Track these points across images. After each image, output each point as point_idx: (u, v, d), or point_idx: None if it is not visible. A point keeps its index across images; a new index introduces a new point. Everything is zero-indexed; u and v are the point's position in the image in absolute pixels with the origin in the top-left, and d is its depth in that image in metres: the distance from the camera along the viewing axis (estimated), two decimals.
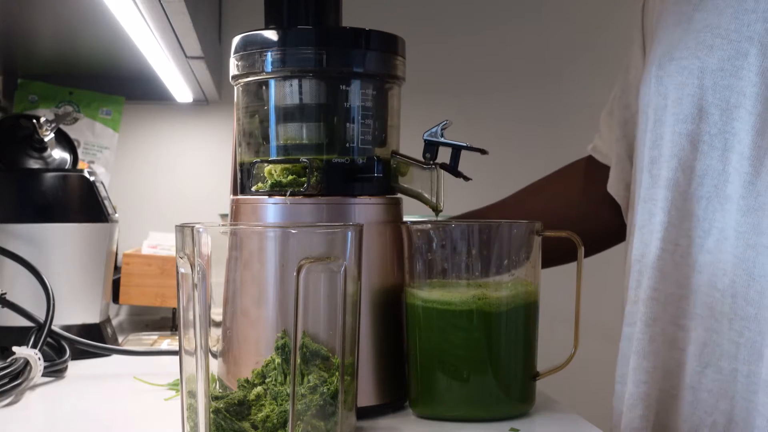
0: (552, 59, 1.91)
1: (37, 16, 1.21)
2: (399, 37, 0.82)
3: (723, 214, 0.80)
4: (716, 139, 0.80)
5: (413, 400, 0.79)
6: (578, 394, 1.44)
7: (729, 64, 0.79)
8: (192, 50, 1.28)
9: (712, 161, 0.81)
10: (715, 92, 0.80)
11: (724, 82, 0.80)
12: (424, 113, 1.35)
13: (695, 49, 0.82)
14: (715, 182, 0.80)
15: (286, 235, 0.66)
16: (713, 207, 0.80)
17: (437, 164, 0.81)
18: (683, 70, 0.83)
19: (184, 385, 0.65)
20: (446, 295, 0.76)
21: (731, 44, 0.79)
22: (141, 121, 1.81)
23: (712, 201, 0.80)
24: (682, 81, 0.83)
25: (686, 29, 0.84)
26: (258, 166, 0.79)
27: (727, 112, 0.80)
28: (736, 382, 0.78)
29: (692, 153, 0.82)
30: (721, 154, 0.80)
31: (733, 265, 0.78)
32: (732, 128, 0.79)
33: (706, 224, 0.81)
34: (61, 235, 1.07)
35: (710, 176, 0.81)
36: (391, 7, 1.86)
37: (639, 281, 0.85)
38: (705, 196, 0.81)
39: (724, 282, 0.79)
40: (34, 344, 0.93)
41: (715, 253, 0.80)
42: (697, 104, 0.81)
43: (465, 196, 1.22)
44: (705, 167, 0.81)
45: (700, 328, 0.81)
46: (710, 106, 0.81)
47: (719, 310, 0.79)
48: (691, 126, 0.82)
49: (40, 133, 1.14)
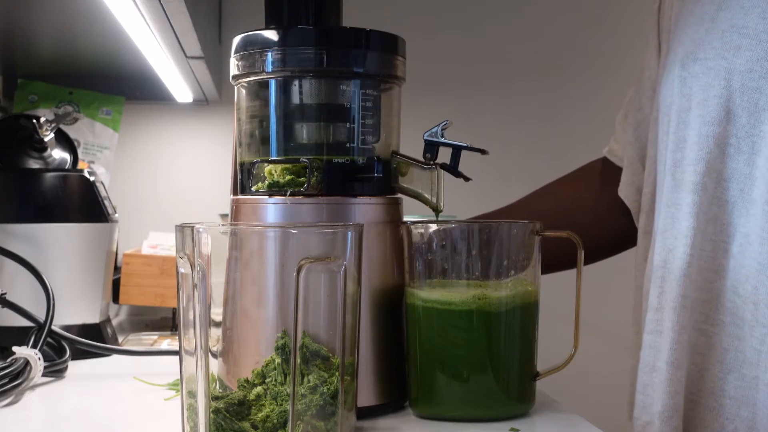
0: (552, 57, 1.91)
1: (37, 16, 1.20)
2: (399, 37, 0.82)
3: (748, 219, 0.78)
4: (743, 142, 0.78)
5: (413, 400, 0.79)
6: (578, 394, 1.44)
7: (758, 65, 0.77)
8: (192, 50, 1.28)
9: (739, 164, 0.79)
10: (743, 94, 0.78)
11: (753, 84, 0.77)
12: (424, 112, 1.35)
13: (721, 50, 0.80)
14: (741, 186, 0.78)
15: (286, 235, 0.66)
16: (738, 211, 0.79)
17: (437, 164, 0.81)
18: (709, 71, 0.80)
19: (184, 385, 0.65)
20: (446, 295, 0.76)
21: (760, 45, 0.77)
22: (141, 121, 1.81)
23: (737, 205, 0.79)
24: (707, 82, 0.80)
25: (710, 29, 0.82)
26: (258, 166, 0.79)
27: (755, 115, 0.78)
28: (758, 390, 0.76)
29: (719, 156, 0.79)
30: (748, 158, 0.78)
31: (756, 271, 0.77)
32: (760, 131, 0.77)
33: (731, 228, 0.79)
34: (61, 235, 1.07)
35: (736, 180, 0.79)
36: (391, 7, 1.86)
37: (662, 288, 0.82)
38: (730, 200, 0.79)
39: (746, 288, 0.77)
40: (34, 344, 0.93)
41: (738, 258, 0.78)
42: (724, 106, 0.79)
43: (465, 196, 1.22)
44: (731, 170, 0.79)
45: (723, 334, 0.79)
46: (738, 108, 0.78)
47: (741, 316, 0.78)
48: (717, 128, 0.79)
49: (40, 133, 1.13)
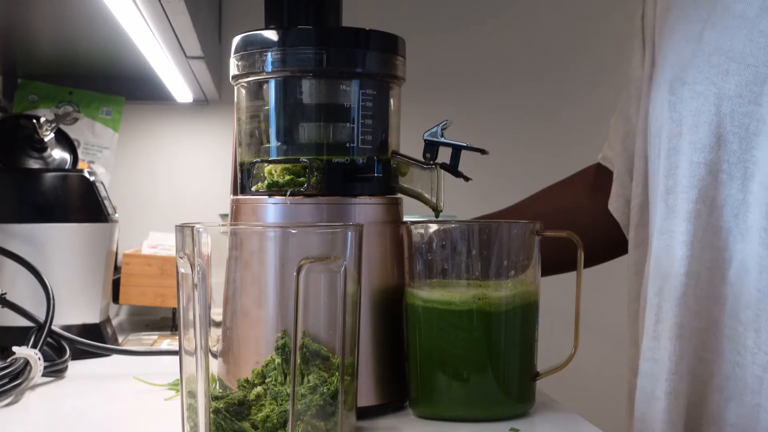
0: (552, 57, 1.91)
1: (37, 16, 1.21)
2: (399, 37, 0.82)
3: (744, 245, 0.77)
4: (735, 168, 0.77)
5: (413, 400, 0.79)
6: (578, 394, 1.45)
7: (747, 90, 0.76)
8: (192, 50, 1.28)
9: (732, 191, 0.78)
10: (733, 119, 0.77)
11: (743, 109, 0.77)
12: (424, 112, 1.35)
13: (709, 74, 0.79)
14: (735, 212, 0.77)
15: (286, 235, 0.66)
16: (734, 237, 0.78)
17: (437, 164, 0.81)
18: (698, 95, 0.79)
19: (184, 385, 0.65)
20: (446, 295, 0.76)
21: (748, 69, 0.76)
22: (141, 121, 1.81)
23: (732, 231, 0.78)
24: (697, 108, 0.79)
25: (696, 50, 0.81)
26: (258, 166, 0.79)
27: (746, 140, 0.77)
28: (760, 418, 0.76)
29: (712, 183, 0.78)
30: (741, 184, 0.77)
31: (757, 299, 0.76)
32: (752, 156, 0.76)
33: (726, 255, 0.78)
34: (61, 235, 1.07)
35: (730, 206, 0.78)
36: (391, 7, 1.86)
37: (658, 316, 0.82)
38: (725, 227, 0.78)
39: (748, 315, 0.76)
40: (34, 344, 0.93)
41: (736, 286, 0.77)
42: (714, 132, 0.78)
43: (465, 196, 1.22)
44: (725, 197, 0.78)
45: (722, 362, 0.78)
46: (729, 134, 0.77)
47: (742, 343, 0.77)
48: (709, 155, 0.78)
49: (40, 133, 1.13)
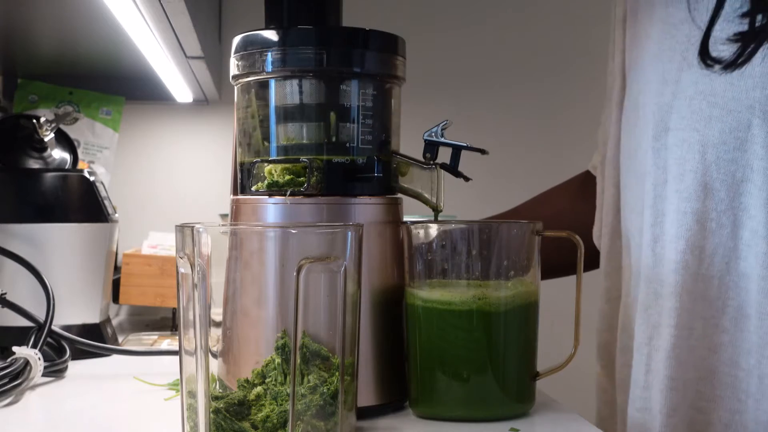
0: (552, 57, 1.91)
1: (37, 16, 1.21)
2: (399, 37, 0.82)
3: (737, 292, 0.76)
4: (724, 216, 0.76)
5: (413, 400, 0.79)
6: (578, 394, 1.44)
7: (731, 136, 0.74)
8: (192, 50, 1.28)
9: (722, 239, 0.76)
10: (719, 167, 0.75)
11: (728, 156, 0.75)
12: (424, 112, 1.35)
13: (692, 120, 0.76)
14: (726, 260, 0.76)
15: (286, 235, 0.66)
16: (725, 285, 0.76)
17: (437, 164, 0.81)
18: (682, 143, 0.77)
19: (184, 385, 0.65)
20: (446, 295, 0.76)
21: (731, 114, 0.74)
22: (141, 121, 1.81)
23: (724, 279, 0.76)
24: (681, 155, 0.77)
25: (676, 93, 0.78)
26: (258, 166, 0.79)
27: (734, 187, 0.75)
28: None
29: (700, 232, 0.77)
30: (731, 232, 0.76)
31: (759, 345, 0.74)
32: (741, 204, 0.75)
33: (719, 303, 0.77)
34: (61, 235, 1.07)
35: (720, 254, 0.76)
36: (391, 7, 1.86)
37: (648, 365, 0.81)
38: (716, 275, 0.77)
39: (749, 362, 0.75)
40: (34, 344, 0.93)
41: (733, 333, 0.76)
42: (701, 181, 0.76)
43: (465, 196, 1.22)
44: (714, 246, 0.76)
45: (722, 410, 0.77)
46: (715, 181, 0.76)
47: (743, 389, 0.76)
48: (696, 204, 0.77)
49: (40, 133, 1.13)
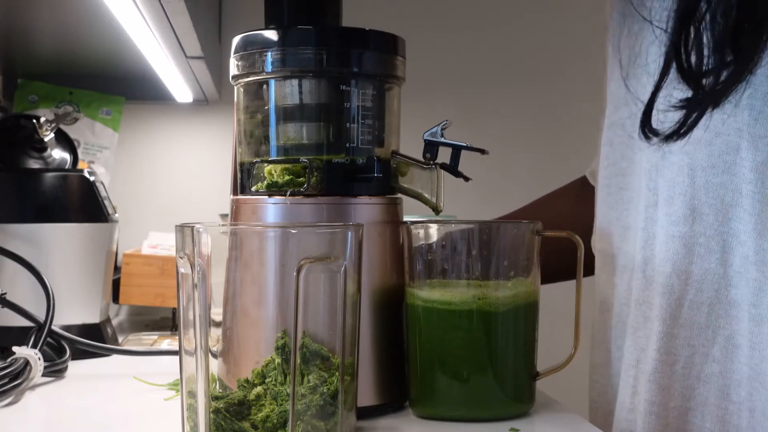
0: (552, 57, 1.91)
1: (37, 16, 1.21)
2: (399, 37, 0.82)
3: (728, 321, 0.74)
4: (713, 241, 0.74)
5: (413, 400, 0.79)
6: (578, 394, 1.44)
7: (720, 160, 0.73)
8: (192, 50, 1.28)
9: (711, 265, 0.74)
10: (707, 191, 0.74)
11: (717, 179, 0.73)
12: (425, 112, 1.35)
13: (682, 142, 0.74)
14: (716, 287, 0.74)
15: (286, 235, 0.66)
16: (716, 313, 0.74)
17: (437, 164, 0.81)
18: (672, 165, 0.76)
19: (184, 385, 0.65)
20: (446, 295, 0.76)
21: (719, 138, 0.72)
22: (141, 121, 1.81)
23: (714, 307, 0.74)
24: (672, 178, 0.76)
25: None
26: (258, 166, 0.79)
27: (722, 212, 0.73)
28: None
29: (687, 257, 0.75)
30: (720, 257, 0.74)
31: (749, 377, 0.72)
32: (729, 229, 0.73)
33: (709, 332, 0.75)
34: (61, 235, 1.07)
35: (709, 281, 0.74)
36: (391, 7, 1.86)
37: (635, 388, 0.79)
38: (706, 302, 0.75)
39: (740, 394, 0.73)
40: (34, 344, 0.93)
41: (723, 363, 0.74)
42: (689, 204, 0.75)
43: (465, 196, 1.22)
44: (703, 272, 0.74)
45: None
46: (703, 205, 0.74)
47: (734, 423, 0.73)
48: (684, 228, 0.75)
49: (40, 133, 1.13)
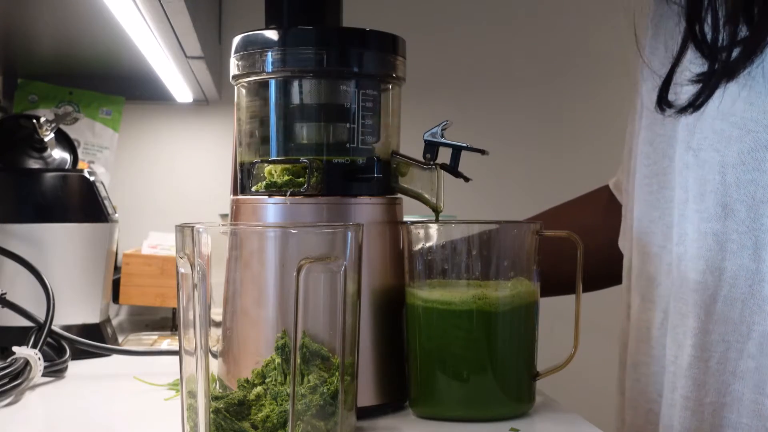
0: (553, 57, 1.91)
1: (37, 16, 1.21)
2: (399, 37, 0.82)
3: (763, 317, 0.74)
4: (745, 238, 0.74)
5: (413, 400, 0.79)
6: (578, 394, 1.44)
7: (750, 157, 0.73)
8: (192, 50, 1.28)
9: (744, 260, 0.75)
10: (739, 188, 0.74)
11: (747, 176, 0.74)
12: (425, 112, 1.35)
13: (713, 140, 0.76)
14: (750, 282, 0.74)
15: (286, 235, 0.66)
16: (750, 309, 0.75)
17: (437, 164, 0.81)
18: (703, 163, 0.76)
19: (184, 385, 0.65)
20: (446, 295, 0.76)
21: (750, 135, 0.73)
22: (141, 121, 1.81)
23: (748, 303, 0.75)
24: (702, 175, 0.77)
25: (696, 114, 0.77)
26: (258, 166, 0.79)
27: (753, 209, 0.74)
28: None
29: (720, 253, 0.75)
30: (752, 253, 0.74)
31: None
32: (761, 225, 0.74)
33: (743, 327, 0.75)
34: (61, 235, 1.07)
35: (743, 277, 0.75)
36: (391, 7, 1.86)
37: (674, 384, 0.79)
38: (740, 298, 0.75)
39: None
40: (34, 344, 0.93)
41: (758, 358, 0.74)
42: (721, 201, 0.75)
43: (465, 196, 1.22)
44: (736, 268, 0.75)
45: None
46: (735, 202, 0.74)
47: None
48: (716, 225, 0.75)
49: (40, 133, 1.13)
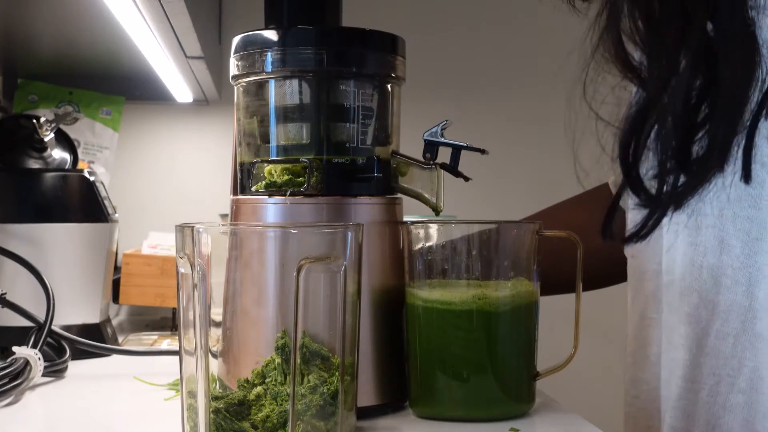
0: (553, 57, 1.91)
1: (37, 16, 1.21)
2: (399, 37, 0.82)
3: (754, 353, 0.74)
4: (739, 273, 0.74)
5: (413, 400, 0.79)
6: (578, 394, 1.45)
7: (746, 193, 0.73)
8: (192, 50, 1.28)
9: (737, 296, 0.74)
10: (735, 223, 0.74)
11: (744, 212, 0.73)
12: (425, 112, 1.35)
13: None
14: (742, 318, 0.74)
15: (286, 235, 0.66)
16: (742, 345, 0.74)
17: (437, 164, 0.81)
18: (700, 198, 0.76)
19: (184, 385, 0.65)
20: (446, 295, 0.76)
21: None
22: (141, 121, 1.81)
23: (741, 338, 0.74)
24: (699, 209, 0.76)
25: None
26: (258, 166, 0.79)
27: (749, 245, 0.73)
28: None
29: (714, 287, 0.75)
30: (746, 290, 0.73)
31: None
32: (755, 262, 0.73)
33: (735, 362, 0.74)
34: (61, 235, 1.07)
35: (735, 312, 0.74)
36: (391, 7, 1.86)
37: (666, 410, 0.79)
38: (732, 333, 0.74)
39: (765, 425, 0.73)
40: (34, 344, 0.93)
41: (749, 394, 0.74)
42: (717, 235, 0.75)
43: (465, 196, 1.22)
44: (729, 303, 0.74)
45: None
46: (731, 237, 0.74)
47: None
48: (712, 259, 0.75)
49: (40, 133, 1.13)
